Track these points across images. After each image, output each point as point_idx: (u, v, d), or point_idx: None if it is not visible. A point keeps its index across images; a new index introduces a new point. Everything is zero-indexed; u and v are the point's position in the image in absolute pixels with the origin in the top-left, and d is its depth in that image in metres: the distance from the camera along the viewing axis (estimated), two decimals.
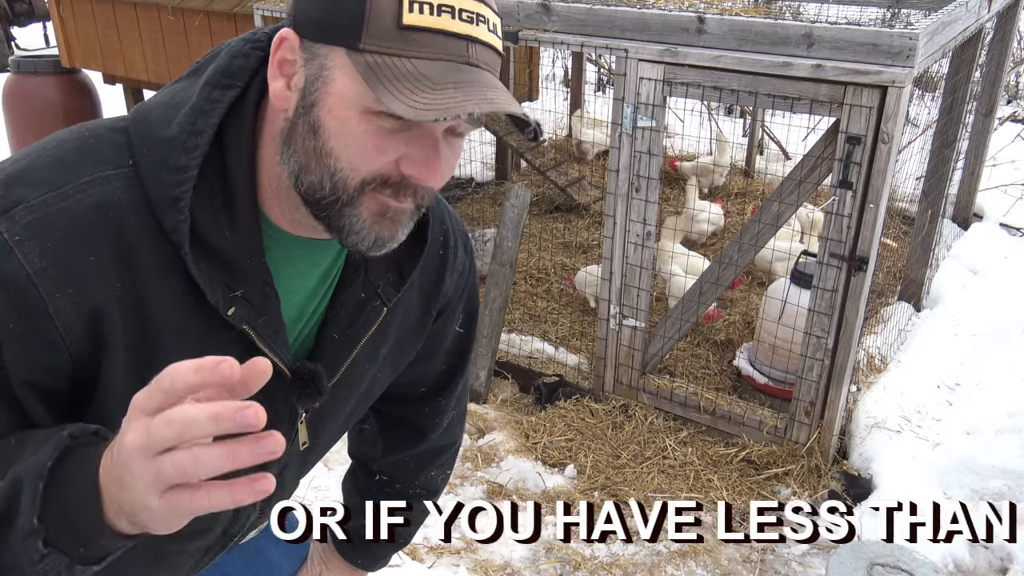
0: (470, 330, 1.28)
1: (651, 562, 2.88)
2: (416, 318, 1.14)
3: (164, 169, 0.84)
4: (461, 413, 1.42)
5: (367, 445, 1.41)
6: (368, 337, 1.04)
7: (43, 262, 0.79)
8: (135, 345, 0.85)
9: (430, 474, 1.42)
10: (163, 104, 0.89)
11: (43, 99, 5.92)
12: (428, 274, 1.12)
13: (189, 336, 0.88)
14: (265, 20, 4.05)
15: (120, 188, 0.84)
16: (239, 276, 0.88)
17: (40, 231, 0.79)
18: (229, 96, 0.88)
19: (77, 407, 0.87)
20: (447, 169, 0.87)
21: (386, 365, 1.14)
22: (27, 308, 0.79)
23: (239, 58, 0.90)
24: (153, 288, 0.84)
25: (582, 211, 5.71)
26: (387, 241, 0.88)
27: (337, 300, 1.01)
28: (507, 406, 3.74)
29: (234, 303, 0.88)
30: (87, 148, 0.86)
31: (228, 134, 0.87)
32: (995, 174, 5.85)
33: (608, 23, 3.12)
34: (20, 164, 0.84)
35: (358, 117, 0.80)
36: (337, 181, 0.83)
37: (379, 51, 0.79)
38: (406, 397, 1.31)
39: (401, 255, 1.02)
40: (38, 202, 0.80)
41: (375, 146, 0.81)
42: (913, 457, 3.20)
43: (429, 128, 0.82)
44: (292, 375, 0.96)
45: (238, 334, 0.90)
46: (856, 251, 2.91)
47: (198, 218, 0.84)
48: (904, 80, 2.64)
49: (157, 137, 0.85)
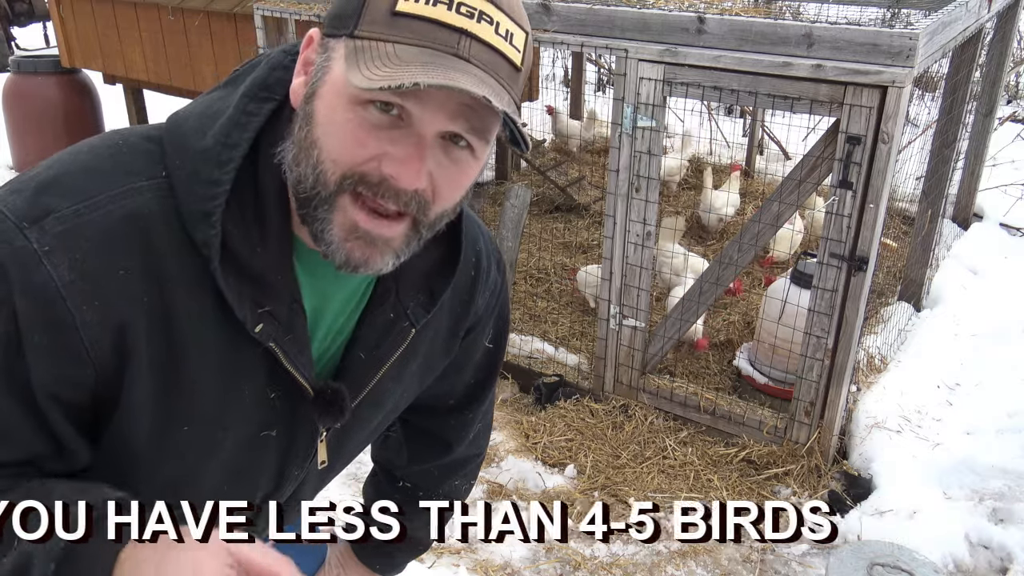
0: (500, 345, 1.26)
1: (651, 562, 2.88)
2: (444, 338, 1.12)
3: (197, 182, 0.82)
4: (487, 425, 1.40)
5: (391, 452, 1.39)
6: (395, 358, 1.01)
7: (72, 274, 0.78)
8: (160, 359, 0.84)
9: (454, 483, 1.40)
10: (199, 114, 0.87)
11: (43, 99, 5.92)
12: (459, 295, 1.10)
13: (214, 351, 0.86)
14: (265, 20, 4.05)
15: (152, 200, 0.82)
16: (268, 292, 0.87)
17: (70, 242, 0.78)
18: (266, 109, 0.86)
19: (97, 423, 0.86)
20: (446, 181, 0.83)
21: (412, 384, 1.13)
22: (54, 320, 0.78)
23: (278, 70, 0.88)
24: (180, 301, 0.83)
25: (582, 211, 5.71)
26: (361, 264, 0.84)
27: (365, 320, 0.98)
28: (507, 406, 3.74)
29: (262, 319, 0.86)
30: (120, 157, 0.84)
31: (264, 148, 0.86)
32: (995, 174, 5.85)
33: (608, 23, 3.12)
34: (52, 171, 0.82)
35: (345, 105, 0.79)
36: (319, 174, 0.81)
37: (368, 36, 0.78)
38: (434, 409, 1.30)
39: (432, 276, 1.00)
40: (69, 212, 0.79)
41: (356, 138, 0.79)
42: (913, 457, 3.20)
43: (417, 128, 0.79)
44: (315, 394, 0.95)
45: (264, 350, 0.88)
46: (856, 251, 2.91)
47: (229, 233, 0.83)
48: (904, 80, 2.64)
49: (191, 148, 0.84)
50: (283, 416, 0.96)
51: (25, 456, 0.83)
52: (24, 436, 0.82)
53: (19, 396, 0.79)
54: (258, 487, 1.02)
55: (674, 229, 4.36)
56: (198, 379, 0.87)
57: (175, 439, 0.89)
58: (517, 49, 0.82)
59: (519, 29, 0.82)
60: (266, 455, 0.98)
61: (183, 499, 0.94)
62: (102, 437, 0.87)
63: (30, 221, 0.78)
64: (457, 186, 0.86)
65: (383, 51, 0.77)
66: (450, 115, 0.79)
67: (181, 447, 0.90)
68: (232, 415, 0.91)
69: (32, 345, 0.78)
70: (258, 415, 0.94)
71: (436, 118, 0.79)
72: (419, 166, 0.80)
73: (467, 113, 0.80)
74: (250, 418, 0.93)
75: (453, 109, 0.79)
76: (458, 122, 0.80)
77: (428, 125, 0.80)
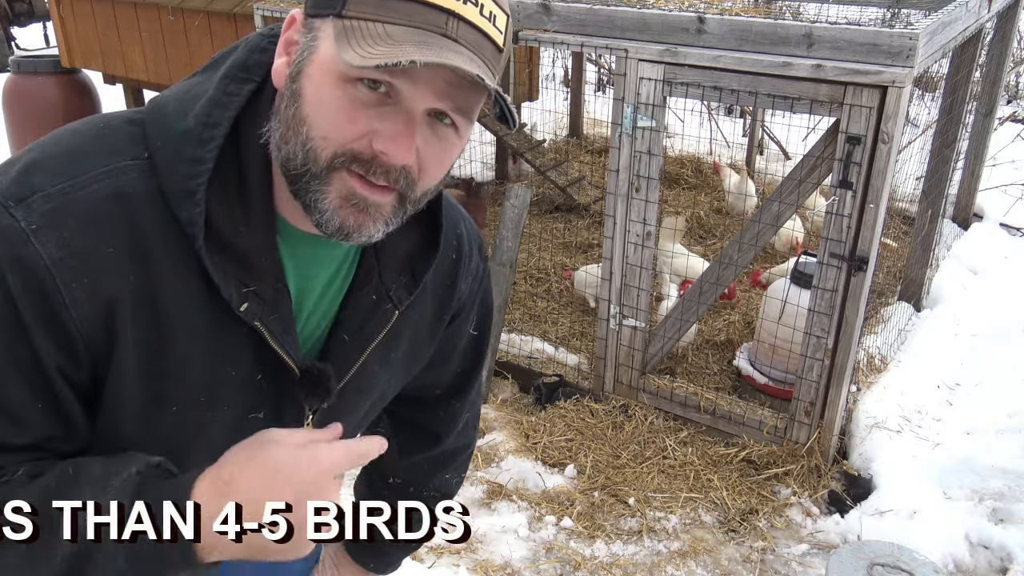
0: (484, 332, 1.27)
1: (651, 562, 2.88)
2: (429, 323, 1.12)
3: (180, 161, 0.83)
4: (475, 415, 1.40)
5: None
6: (379, 340, 1.02)
7: (60, 252, 0.78)
8: (146, 338, 0.84)
9: (444, 477, 1.41)
10: (179, 97, 0.88)
11: (43, 99, 5.92)
12: (441, 278, 1.10)
13: (200, 331, 0.87)
14: (265, 20, 4.05)
15: (136, 179, 0.83)
16: (253, 272, 0.87)
17: (57, 220, 0.79)
18: (246, 90, 0.87)
19: (91, 402, 0.87)
20: (432, 159, 0.85)
21: (399, 369, 1.13)
22: (45, 298, 0.78)
23: (256, 52, 0.90)
24: (166, 281, 0.84)
25: (582, 211, 5.71)
26: (353, 231, 0.85)
27: (348, 302, 0.99)
28: (507, 406, 3.74)
29: (247, 299, 0.87)
30: (103, 138, 0.85)
31: (244, 128, 0.87)
32: (995, 174, 5.85)
33: (608, 23, 3.12)
34: (36, 154, 0.83)
35: (333, 83, 0.80)
36: (309, 151, 0.82)
37: (357, 16, 0.79)
38: (421, 400, 1.30)
39: (414, 258, 1.01)
40: (55, 191, 0.80)
41: (347, 116, 0.80)
42: (913, 457, 3.20)
43: (406, 105, 0.81)
44: (300, 373, 0.95)
45: (249, 330, 0.89)
46: (856, 251, 2.91)
47: (213, 211, 0.84)
48: (904, 80, 2.64)
49: (173, 129, 0.85)
50: (269, 398, 0.96)
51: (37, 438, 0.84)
52: (35, 417, 0.82)
53: (28, 375, 0.80)
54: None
55: (674, 229, 4.36)
56: (185, 359, 0.87)
57: (163, 420, 0.89)
58: (499, 31, 0.85)
59: (501, 12, 0.85)
60: None
61: None
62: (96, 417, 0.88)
63: (16, 200, 0.78)
64: (441, 163, 0.87)
65: (374, 31, 0.78)
66: (437, 93, 0.81)
67: (168, 428, 0.90)
68: (219, 396, 0.92)
69: (34, 321, 0.78)
70: (245, 397, 0.94)
71: (424, 96, 0.81)
72: (409, 143, 0.82)
73: (452, 92, 0.81)
74: (237, 400, 0.93)
75: (440, 88, 0.81)
76: (444, 100, 0.82)
77: (417, 102, 0.81)
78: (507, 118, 0.85)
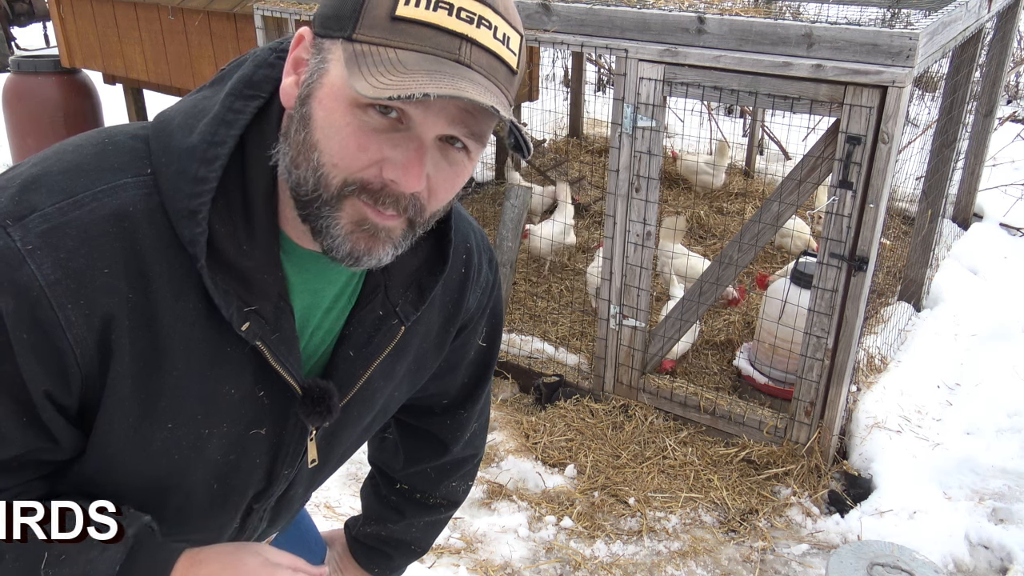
0: (493, 344, 1.26)
1: (651, 562, 2.88)
2: (436, 335, 1.11)
3: (183, 180, 0.82)
4: (483, 425, 1.39)
5: (388, 454, 1.38)
6: (385, 356, 1.01)
7: (56, 273, 0.77)
8: (143, 357, 0.84)
9: (451, 485, 1.40)
10: (185, 112, 0.87)
11: (43, 99, 5.92)
12: (449, 292, 1.09)
13: (199, 350, 0.86)
14: (265, 20, 4.05)
15: (137, 197, 0.82)
16: (254, 290, 0.86)
17: (54, 241, 0.78)
18: (252, 107, 0.86)
19: (84, 418, 0.86)
20: (442, 183, 0.84)
21: (404, 383, 1.12)
22: (39, 319, 0.77)
23: (264, 67, 0.88)
24: (165, 300, 0.83)
25: (582, 211, 5.71)
26: (363, 256, 0.84)
27: (354, 318, 0.98)
28: (507, 406, 3.74)
29: (248, 318, 0.86)
30: (105, 155, 0.84)
31: (250, 146, 0.86)
32: (995, 174, 5.85)
33: (608, 23, 3.12)
34: (37, 169, 0.82)
35: (344, 109, 0.79)
36: (320, 177, 0.81)
37: (368, 41, 0.78)
38: (429, 410, 1.29)
39: (422, 273, 1.00)
40: (53, 210, 0.79)
41: (357, 143, 0.79)
42: (913, 457, 3.20)
43: (417, 132, 0.80)
44: (303, 392, 0.94)
45: (251, 349, 0.88)
46: (856, 251, 2.91)
47: (216, 231, 0.83)
48: (904, 80, 2.64)
49: (177, 146, 0.84)
50: (271, 414, 0.96)
51: (21, 451, 0.84)
52: (18, 434, 0.82)
53: (12, 395, 0.79)
54: (248, 485, 1.01)
55: (674, 229, 4.36)
56: (182, 377, 0.86)
57: (159, 437, 0.89)
58: (513, 52, 0.83)
59: (515, 32, 0.83)
60: (255, 454, 0.98)
61: (171, 497, 0.95)
62: (90, 432, 0.87)
63: (13, 219, 0.78)
64: (452, 186, 0.86)
65: (385, 57, 0.76)
66: (450, 120, 0.80)
67: (165, 445, 0.90)
68: (217, 413, 0.91)
69: (21, 344, 0.77)
70: (245, 413, 0.93)
71: (437, 123, 0.80)
72: (419, 171, 0.81)
73: (466, 118, 0.80)
74: (237, 416, 0.93)
75: (453, 114, 0.80)
76: (457, 126, 0.81)
77: (429, 129, 0.80)
78: (521, 147, 0.84)
